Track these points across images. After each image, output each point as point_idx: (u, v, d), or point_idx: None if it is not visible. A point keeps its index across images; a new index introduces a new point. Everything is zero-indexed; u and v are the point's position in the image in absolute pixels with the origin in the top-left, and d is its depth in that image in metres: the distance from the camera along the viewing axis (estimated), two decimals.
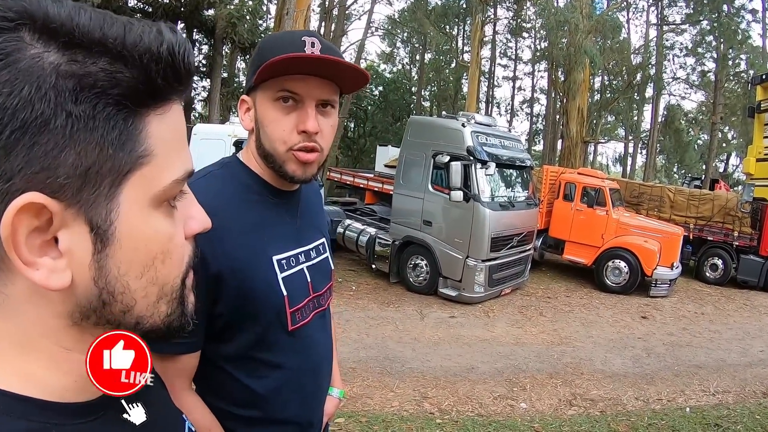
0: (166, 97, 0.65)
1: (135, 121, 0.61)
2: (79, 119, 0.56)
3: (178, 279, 0.72)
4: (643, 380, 7.18)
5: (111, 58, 0.58)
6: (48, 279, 0.58)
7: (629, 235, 12.79)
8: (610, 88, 36.95)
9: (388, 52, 46.36)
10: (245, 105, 1.53)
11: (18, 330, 0.62)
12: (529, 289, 12.46)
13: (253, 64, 1.48)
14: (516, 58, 44.04)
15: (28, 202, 0.55)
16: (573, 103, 23.88)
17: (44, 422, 0.62)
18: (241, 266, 1.44)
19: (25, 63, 0.54)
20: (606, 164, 46.51)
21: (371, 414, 5.81)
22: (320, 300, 1.72)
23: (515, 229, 11.17)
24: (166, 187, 0.66)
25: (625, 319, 10.45)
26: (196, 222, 0.76)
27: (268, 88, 1.45)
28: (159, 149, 0.64)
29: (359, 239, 12.87)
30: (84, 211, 0.59)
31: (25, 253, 0.57)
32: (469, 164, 10.38)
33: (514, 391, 6.66)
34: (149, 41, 0.61)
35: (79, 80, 0.56)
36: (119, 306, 0.65)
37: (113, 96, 0.58)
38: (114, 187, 0.61)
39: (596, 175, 14.53)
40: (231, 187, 1.52)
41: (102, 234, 0.61)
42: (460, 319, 9.77)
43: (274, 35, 1.57)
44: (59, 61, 0.56)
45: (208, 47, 18.31)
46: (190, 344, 1.44)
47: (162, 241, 0.67)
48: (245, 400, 1.54)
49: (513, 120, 45.57)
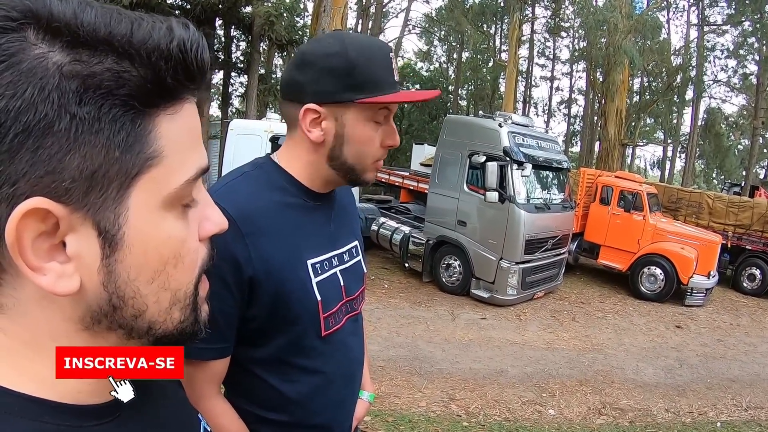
0: (178, 96, 0.64)
1: (143, 122, 0.60)
2: (84, 121, 0.55)
3: (192, 285, 0.71)
4: (675, 392, 7.08)
5: (117, 56, 0.57)
6: (55, 284, 0.57)
7: (666, 242, 12.54)
8: (650, 89, 36.17)
9: (425, 51, 46.20)
10: (314, 115, 1.45)
11: (29, 333, 0.62)
12: (563, 293, 12.34)
13: (346, 76, 1.41)
14: (554, 57, 43.44)
15: (32, 207, 0.54)
16: (611, 105, 23.55)
17: (59, 424, 0.61)
18: (276, 270, 1.42)
19: (28, 64, 0.53)
20: (644, 168, 45.84)
21: (398, 413, 5.82)
22: (353, 304, 1.70)
23: (550, 232, 11.09)
24: (178, 189, 0.64)
25: (659, 327, 10.29)
26: (212, 224, 0.74)
27: (367, 108, 1.44)
28: (170, 150, 0.63)
29: (393, 237, 12.88)
30: (91, 215, 0.58)
31: (31, 259, 0.56)
32: (505, 165, 10.31)
33: (543, 396, 6.62)
34: (158, 38, 0.59)
35: (84, 81, 0.55)
36: (130, 311, 0.64)
37: (120, 96, 0.57)
38: (122, 191, 0.60)
39: (634, 179, 14.24)
40: (266, 190, 1.49)
41: (110, 238, 0.60)
42: (492, 321, 9.74)
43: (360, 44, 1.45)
44: (63, 61, 0.55)
45: (245, 44, 18.42)
46: (222, 350, 1.43)
47: (174, 245, 0.66)
48: (276, 404, 1.53)
49: (550, 121, 45.02)
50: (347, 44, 1.44)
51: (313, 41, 1.57)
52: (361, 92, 1.41)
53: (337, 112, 1.44)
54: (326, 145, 1.48)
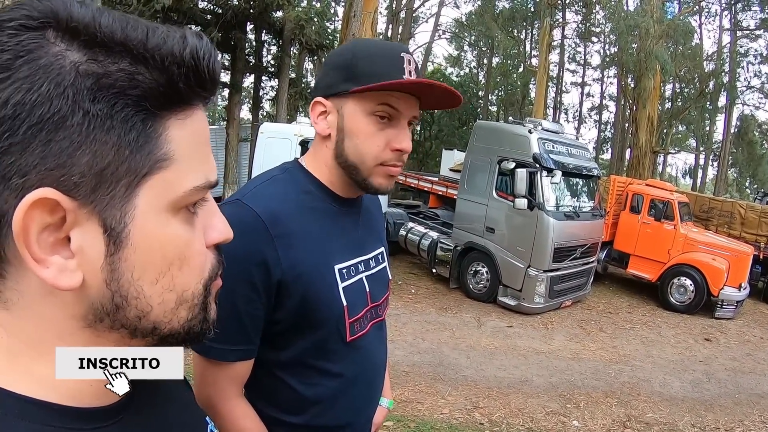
0: (189, 102, 0.65)
1: (154, 124, 0.61)
2: (96, 118, 0.57)
3: (200, 285, 0.71)
4: (702, 406, 6.97)
5: (132, 59, 0.59)
6: (57, 278, 0.58)
7: (696, 252, 12.31)
8: (682, 96, 35.62)
9: (455, 56, 45.94)
10: (321, 108, 1.49)
11: (32, 330, 0.62)
12: (591, 302, 12.22)
13: (345, 68, 1.44)
14: (585, 63, 42.88)
15: (41, 197, 0.55)
16: (643, 111, 23.19)
17: (60, 426, 0.62)
18: (304, 274, 1.42)
19: (45, 60, 0.55)
20: (675, 176, 45.15)
21: (420, 419, 5.83)
22: (378, 310, 1.70)
23: (579, 240, 10.98)
24: (185, 194, 0.65)
25: (688, 340, 10.13)
26: (217, 232, 0.74)
27: (364, 100, 1.43)
28: (179, 154, 0.64)
29: (421, 243, 12.89)
30: (98, 211, 0.59)
31: (36, 250, 0.57)
32: (535, 171, 10.26)
33: (567, 407, 6.58)
34: (172, 45, 0.61)
35: (98, 79, 0.57)
36: (133, 311, 0.64)
37: (132, 97, 0.59)
38: (130, 189, 0.61)
39: (665, 187, 14.02)
40: (294, 194, 1.50)
41: (115, 236, 0.61)
42: (518, 329, 9.69)
43: (369, 43, 1.51)
44: (80, 59, 0.57)
45: (276, 48, 18.54)
46: (246, 351, 1.44)
47: (179, 247, 0.67)
48: (296, 407, 1.53)
49: (581, 127, 44.42)
50: (357, 43, 1.49)
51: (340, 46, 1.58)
52: (357, 82, 1.41)
53: (338, 104, 1.46)
54: (332, 139, 1.50)
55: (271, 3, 14.54)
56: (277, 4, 14.88)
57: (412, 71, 1.44)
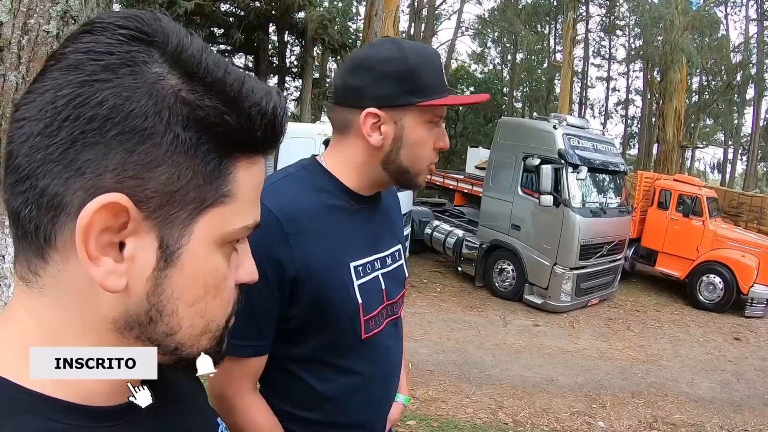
0: (259, 150, 0.70)
1: (228, 163, 0.66)
2: (183, 144, 0.60)
3: (224, 319, 0.75)
4: (730, 407, 6.86)
5: (225, 99, 0.62)
6: (105, 278, 0.60)
7: (726, 249, 12.07)
8: (709, 89, 35.12)
9: (479, 53, 45.72)
10: (374, 119, 1.47)
11: (59, 320, 0.64)
12: (618, 300, 12.09)
13: (402, 80, 1.45)
14: (610, 57, 42.33)
15: (115, 201, 0.57)
16: (669, 105, 22.87)
17: (69, 423, 0.63)
18: (318, 271, 1.44)
19: (150, 76, 0.59)
20: (704, 171, 44.53)
21: (443, 419, 5.83)
22: (393, 308, 1.70)
23: (606, 237, 10.87)
24: (236, 231, 0.69)
25: (717, 339, 9.96)
26: (246, 273, 0.77)
27: (425, 111, 1.48)
28: (240, 194, 0.68)
29: (446, 241, 12.88)
30: (159, 227, 0.62)
31: (92, 247, 0.59)
32: (560, 168, 10.20)
33: (593, 408, 6.53)
34: (261, 96, 0.65)
35: (194, 110, 0.61)
36: (164, 327, 0.67)
37: (218, 134, 0.63)
38: (193, 215, 0.64)
39: (693, 183, 13.80)
40: (310, 191, 1.51)
41: (168, 254, 0.63)
42: (544, 328, 9.65)
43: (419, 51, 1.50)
44: (180, 86, 0.60)
45: (299, 48, 18.61)
46: (260, 347, 1.46)
47: (218, 278, 0.70)
48: (311, 403, 1.55)
49: (607, 122, 43.99)
50: (406, 49, 1.47)
51: (368, 47, 1.59)
52: (420, 95, 1.44)
53: (396, 116, 1.47)
54: (384, 149, 1.50)
55: (292, 4, 14.61)
56: (299, 5, 14.95)
57: (444, 74, 1.54)
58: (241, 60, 20.05)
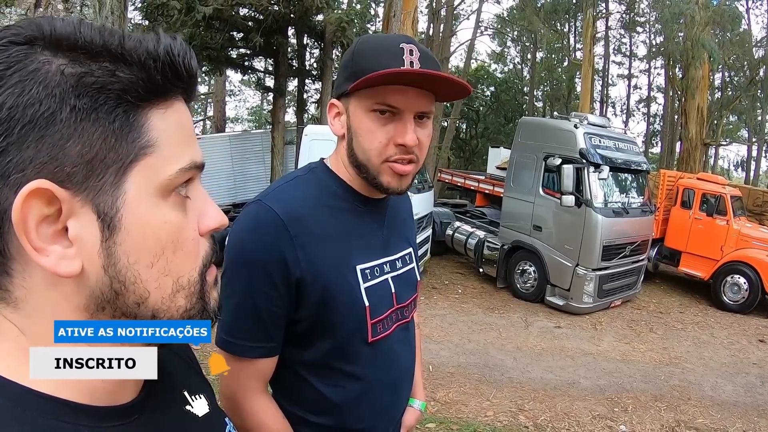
0: (168, 94, 0.70)
1: (137, 115, 0.66)
2: (82, 111, 0.62)
3: (195, 272, 0.75)
4: (755, 412, 6.74)
5: (112, 59, 0.64)
6: (57, 265, 0.62)
7: (750, 248, 11.90)
8: (731, 85, 34.63)
9: (499, 52, 45.31)
10: (335, 109, 1.52)
11: (42, 327, 0.66)
12: (641, 302, 11.97)
13: (346, 67, 1.46)
14: (630, 54, 41.75)
15: (36, 187, 0.59)
16: (692, 102, 22.55)
17: (76, 423, 0.65)
18: (323, 273, 1.44)
19: (33, 66, 0.61)
20: (727, 169, 43.98)
21: (463, 422, 5.83)
22: (404, 312, 1.69)
23: (629, 238, 10.79)
24: (172, 176, 0.69)
25: (741, 341, 9.79)
26: (210, 219, 0.77)
27: (364, 98, 1.42)
28: (163, 141, 0.69)
29: (468, 242, 12.91)
30: (91, 198, 0.64)
31: (35, 239, 0.61)
32: (582, 167, 10.15)
33: (614, 411, 6.47)
34: (147, 44, 0.67)
35: (81, 77, 0.62)
36: (132, 297, 0.68)
37: (114, 91, 0.64)
38: (119, 176, 0.65)
39: (717, 181, 13.64)
40: (317, 193, 1.52)
41: (109, 221, 0.65)
42: (566, 329, 9.60)
43: (371, 38, 1.52)
44: (64, 63, 0.62)
45: (318, 51, 18.63)
46: (270, 348, 1.47)
47: (171, 231, 0.70)
48: (320, 408, 1.55)
49: (629, 120, 43.43)
50: (360, 39, 1.50)
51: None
52: (354, 79, 1.39)
53: (346, 104, 1.48)
54: (346, 139, 1.51)
55: (310, 7, 14.63)
56: (317, 8, 14.96)
57: (415, 61, 1.41)
58: (261, 63, 20.13)
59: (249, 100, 50.80)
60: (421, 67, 1.40)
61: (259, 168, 18.79)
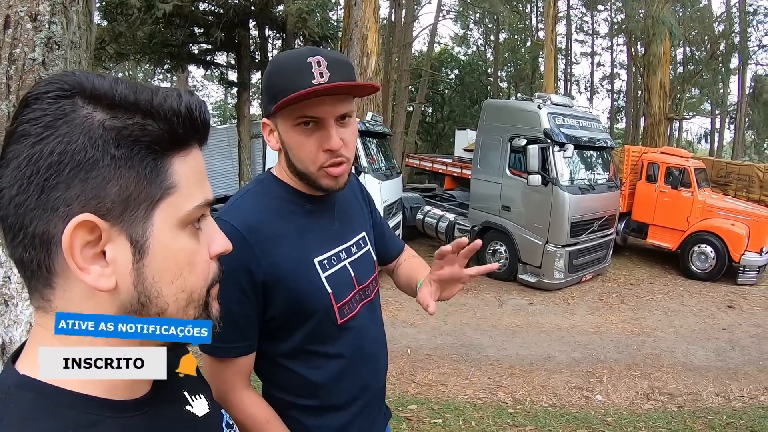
0: (187, 143, 0.83)
1: (163, 162, 0.79)
2: (120, 159, 0.74)
3: (204, 289, 0.88)
4: (726, 375, 6.91)
5: (143, 115, 0.76)
6: (97, 281, 0.74)
7: (715, 218, 12.15)
8: (693, 59, 35.04)
9: (462, 35, 45.46)
10: (268, 127, 1.62)
11: None
12: (611, 275, 12.18)
13: (266, 92, 1.57)
14: (593, 32, 42.16)
15: (83, 220, 0.71)
16: (654, 78, 22.71)
17: (102, 415, 0.78)
18: (285, 274, 1.56)
19: (79, 120, 0.72)
20: (692, 141, 44.55)
21: (444, 401, 5.91)
22: (366, 292, 1.83)
23: (596, 213, 10.97)
24: (190, 212, 0.82)
25: (710, 308, 10.01)
26: (218, 245, 0.91)
27: (287, 115, 1.53)
28: (182, 182, 0.81)
29: (438, 225, 12.97)
30: (125, 229, 0.76)
31: (79, 260, 0.73)
32: (547, 147, 10.26)
33: (590, 382, 6.60)
34: (171, 101, 0.78)
35: (119, 132, 0.74)
36: (155, 309, 0.81)
37: (145, 142, 0.76)
38: (149, 211, 0.77)
39: (680, 154, 13.80)
40: (269, 203, 1.65)
41: (139, 247, 0.77)
42: (539, 306, 9.74)
43: (280, 59, 1.62)
44: (104, 118, 0.74)
45: (281, 42, 18.45)
46: (245, 347, 1.60)
47: (188, 255, 0.84)
48: (305, 391, 1.68)
49: (593, 98, 43.85)
50: (272, 61, 1.61)
51: None
52: (275, 101, 1.50)
53: (274, 122, 1.60)
54: (283, 152, 1.63)
55: None
56: None
57: (324, 71, 1.50)
58: (223, 57, 19.88)
59: (212, 95, 50.43)
60: (331, 76, 1.50)
61: (226, 164, 18.64)
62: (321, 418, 1.71)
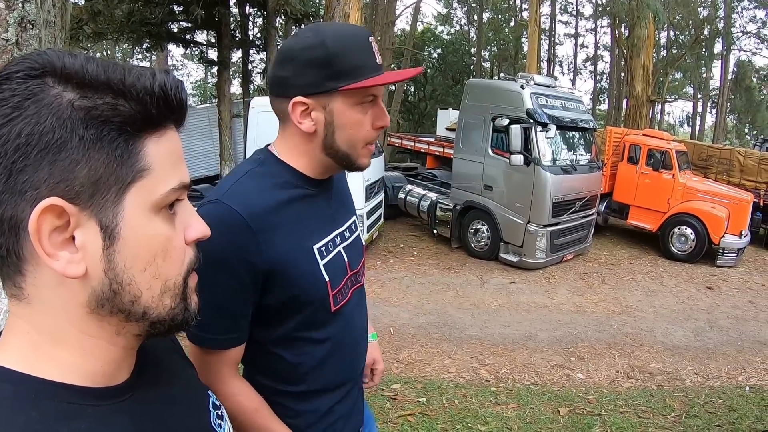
0: (161, 124, 0.80)
1: (135, 143, 0.76)
2: (89, 141, 0.71)
3: (180, 277, 0.85)
4: (704, 355, 7.01)
5: (114, 94, 0.73)
6: (66, 267, 0.72)
7: (696, 201, 12.26)
8: (677, 43, 35.29)
9: (445, 14, 45.31)
10: (302, 107, 1.51)
11: (50, 320, 0.76)
12: (592, 255, 12.25)
13: (323, 66, 1.46)
14: (577, 13, 42.31)
15: (49, 204, 0.69)
16: (637, 61, 22.74)
17: (83, 404, 0.76)
18: (287, 261, 1.51)
19: (48, 99, 0.69)
20: (673, 124, 44.84)
21: (427, 380, 5.93)
22: (357, 277, 1.81)
23: (578, 194, 11.00)
24: (163, 195, 0.79)
25: (690, 289, 10.13)
26: (195, 230, 0.88)
27: (352, 94, 1.49)
28: (156, 165, 0.78)
29: (420, 204, 12.92)
30: (95, 213, 0.73)
31: (47, 246, 0.70)
32: (529, 127, 10.24)
33: (571, 360, 6.65)
34: (144, 80, 0.75)
35: (88, 111, 0.71)
36: (127, 296, 0.78)
37: (116, 123, 0.73)
38: (119, 195, 0.74)
39: (662, 137, 13.81)
40: (271, 185, 1.56)
41: (110, 232, 0.74)
42: (521, 285, 9.77)
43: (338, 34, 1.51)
44: (74, 97, 0.71)
45: (262, 20, 18.22)
46: (239, 338, 1.55)
47: (161, 241, 0.81)
48: (292, 377, 1.65)
49: (576, 79, 44.00)
50: (323, 35, 1.49)
51: (292, 37, 1.59)
52: (343, 79, 1.46)
53: (323, 102, 1.50)
54: (318, 134, 1.55)
55: None
56: None
57: (376, 52, 1.52)
58: (203, 36, 19.62)
59: (192, 74, 49.99)
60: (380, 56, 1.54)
61: (206, 143, 18.42)
62: (309, 402, 1.69)
